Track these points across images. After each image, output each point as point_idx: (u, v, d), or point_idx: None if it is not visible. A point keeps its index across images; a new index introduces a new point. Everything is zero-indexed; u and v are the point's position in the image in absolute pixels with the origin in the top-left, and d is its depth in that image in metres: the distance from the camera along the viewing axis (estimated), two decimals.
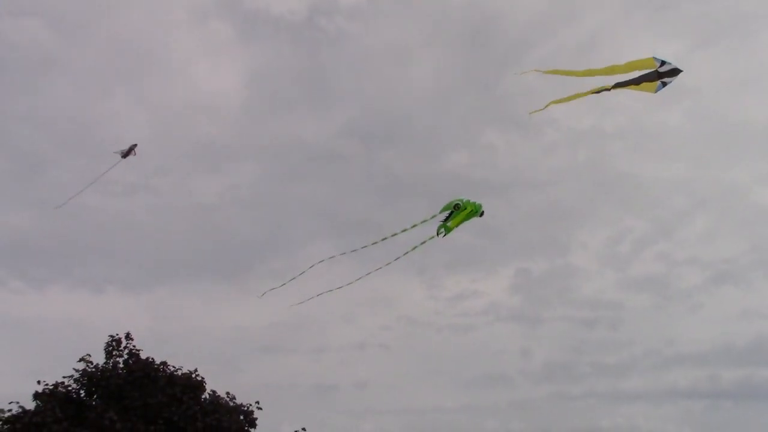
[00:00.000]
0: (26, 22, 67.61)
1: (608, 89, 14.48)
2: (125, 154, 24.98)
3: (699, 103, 65.75)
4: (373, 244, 15.23)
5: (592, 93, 14.57)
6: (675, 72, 14.04)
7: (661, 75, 14.02)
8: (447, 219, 15.06)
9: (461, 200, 15.02)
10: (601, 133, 67.82)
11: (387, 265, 15.37)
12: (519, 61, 71.82)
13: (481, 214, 15.33)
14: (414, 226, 14.87)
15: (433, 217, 14.99)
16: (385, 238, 15.16)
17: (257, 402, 27.14)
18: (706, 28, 69.89)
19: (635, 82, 14.18)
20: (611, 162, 70.09)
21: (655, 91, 13.97)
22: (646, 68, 14.11)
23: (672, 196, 69.28)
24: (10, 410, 24.07)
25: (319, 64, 72.36)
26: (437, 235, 14.99)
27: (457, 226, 15.02)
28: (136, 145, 25.22)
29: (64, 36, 69.98)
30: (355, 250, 15.90)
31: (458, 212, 14.94)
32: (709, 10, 69.25)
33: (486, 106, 72.95)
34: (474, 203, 15.06)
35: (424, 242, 14.88)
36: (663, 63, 14.02)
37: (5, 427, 23.71)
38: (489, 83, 73.18)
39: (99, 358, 26.18)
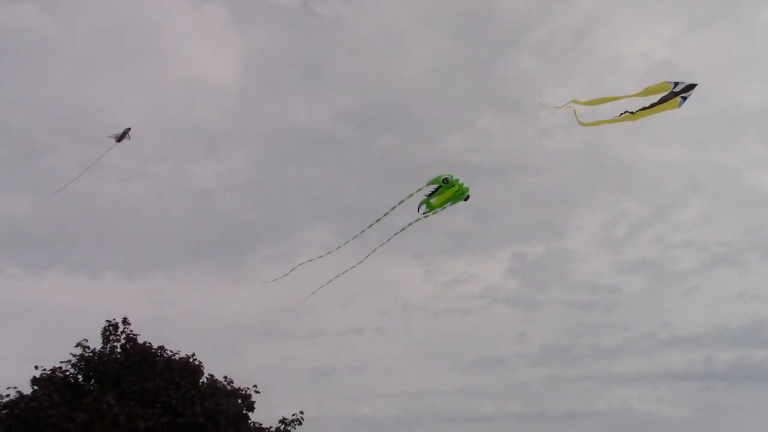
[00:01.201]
0: (21, 7, 67.09)
1: (632, 114, 14.67)
2: (119, 138, 24.85)
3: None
4: (369, 227, 15.16)
5: (618, 121, 14.79)
6: (690, 87, 14.30)
7: (677, 94, 14.26)
8: (432, 194, 14.78)
9: (450, 176, 14.76)
10: (596, 117, 67.65)
11: (381, 246, 15.33)
12: (515, 45, 71.68)
13: (467, 198, 15.03)
14: (401, 202, 14.72)
15: (419, 190, 14.80)
16: (379, 220, 15.07)
17: (255, 386, 27.17)
18: (701, 11, 69.77)
19: (656, 104, 14.41)
20: (607, 146, 70.13)
21: (679, 106, 14.26)
22: (662, 92, 14.35)
23: (667, 180, 69.47)
24: (8, 395, 24.10)
25: (315, 48, 72.12)
26: (418, 210, 14.80)
27: (440, 205, 14.80)
28: (129, 128, 25.06)
29: (59, 21, 69.47)
30: (355, 237, 15.84)
31: (445, 188, 14.70)
32: None
33: (482, 90, 72.88)
34: (461, 184, 14.81)
35: (418, 220, 14.80)
36: (676, 84, 14.32)
37: (3, 412, 23.74)
38: (485, 67, 73.05)
39: (96, 343, 26.21)
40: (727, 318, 60.14)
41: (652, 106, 14.35)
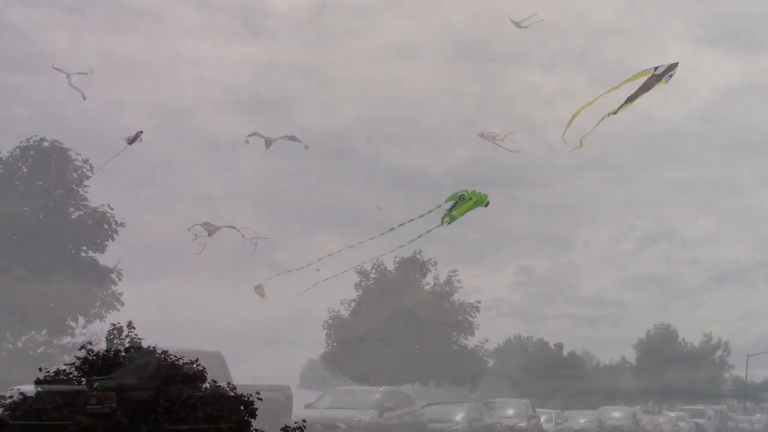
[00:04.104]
0: (33, 13, 67.81)
1: (630, 102, 14.79)
2: (131, 141, 24.94)
3: (703, 105, 65.68)
4: (380, 235, 15.21)
5: (612, 113, 14.86)
6: (672, 67, 14.48)
7: (660, 77, 14.46)
8: (452, 209, 15.05)
9: (466, 191, 15.03)
10: (605, 132, 67.72)
11: (391, 252, 15.38)
12: (525, 59, 71.89)
13: (487, 204, 15.30)
14: (421, 216, 14.89)
15: (438, 206, 14.99)
16: (392, 229, 15.13)
17: (258, 393, 27.15)
18: (714, 30, 69.87)
19: (644, 88, 14.54)
20: (615, 161, 70.13)
21: (667, 82, 14.37)
22: (645, 76, 14.60)
23: (675, 197, 69.37)
24: (11, 397, 24.10)
25: (325, 59, 72.54)
26: (441, 223, 15.02)
27: (462, 215, 15.02)
28: (141, 131, 25.11)
29: (70, 26, 70.14)
30: (362, 243, 15.83)
31: (463, 202, 14.95)
32: (716, 12, 69.23)
33: (490, 103, 73.08)
34: (479, 193, 15.07)
35: (430, 231, 14.91)
36: (656, 68, 14.57)
37: (6, 413, 23.75)
38: (494, 80, 73.29)
39: (100, 346, 26.22)
40: (732, 336, 59.88)
41: (640, 91, 14.49)
